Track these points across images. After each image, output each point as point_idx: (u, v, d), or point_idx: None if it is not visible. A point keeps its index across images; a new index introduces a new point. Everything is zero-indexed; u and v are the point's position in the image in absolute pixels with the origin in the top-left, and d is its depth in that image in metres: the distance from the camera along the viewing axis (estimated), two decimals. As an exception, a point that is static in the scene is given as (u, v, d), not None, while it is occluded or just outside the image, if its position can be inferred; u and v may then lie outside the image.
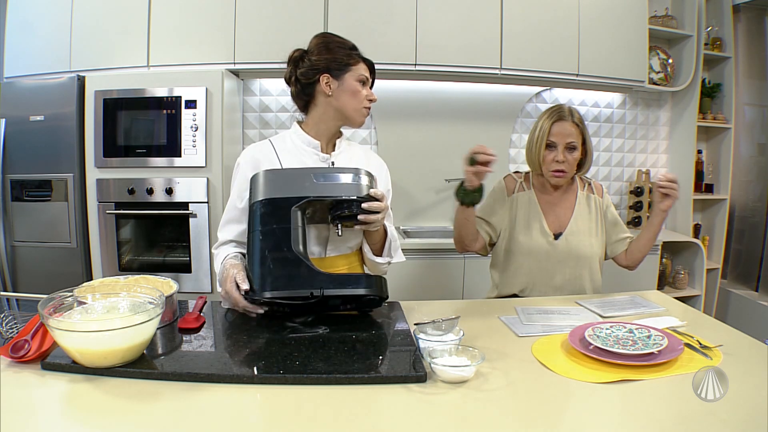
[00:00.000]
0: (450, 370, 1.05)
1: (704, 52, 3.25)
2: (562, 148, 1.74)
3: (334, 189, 1.31)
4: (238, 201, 1.48)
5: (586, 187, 1.89)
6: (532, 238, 1.80)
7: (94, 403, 0.95)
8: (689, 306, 1.65)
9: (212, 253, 1.57)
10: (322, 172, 1.35)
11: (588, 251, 1.80)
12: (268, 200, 1.30)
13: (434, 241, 2.83)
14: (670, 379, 1.09)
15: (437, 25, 2.87)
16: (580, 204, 1.84)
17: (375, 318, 1.41)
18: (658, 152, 3.55)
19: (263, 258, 1.27)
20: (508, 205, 1.86)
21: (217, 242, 1.53)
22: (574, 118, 1.76)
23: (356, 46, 1.54)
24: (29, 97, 2.61)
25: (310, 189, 1.30)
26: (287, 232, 1.27)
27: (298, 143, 1.54)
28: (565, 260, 1.78)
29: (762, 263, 3.30)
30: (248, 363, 1.11)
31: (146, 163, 2.61)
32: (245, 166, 1.49)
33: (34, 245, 2.66)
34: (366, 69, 1.52)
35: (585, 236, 1.81)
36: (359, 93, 1.49)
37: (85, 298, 1.18)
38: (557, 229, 1.81)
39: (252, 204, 1.34)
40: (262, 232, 1.28)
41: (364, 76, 1.50)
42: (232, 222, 1.50)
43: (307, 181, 1.30)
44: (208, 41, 2.79)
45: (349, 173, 1.35)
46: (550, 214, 1.83)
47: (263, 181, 1.33)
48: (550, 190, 1.86)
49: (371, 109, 1.56)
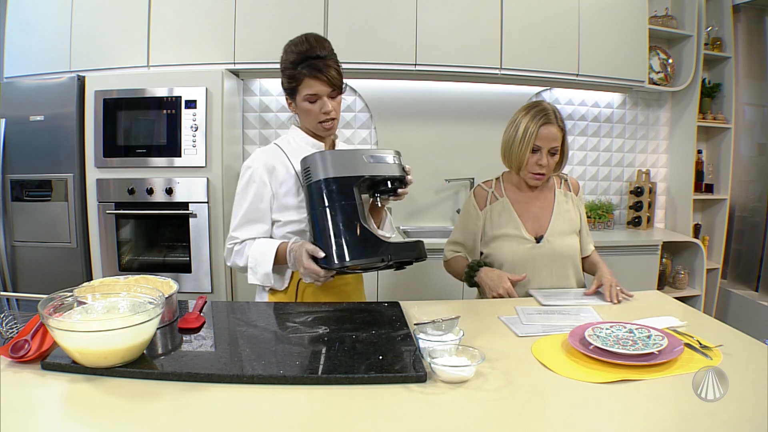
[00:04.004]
0: (450, 370, 1.05)
1: (704, 52, 3.25)
2: (546, 152, 1.72)
3: (385, 168, 1.46)
4: (260, 202, 1.54)
5: (563, 184, 1.87)
6: (509, 247, 1.77)
7: (94, 403, 0.95)
8: (689, 306, 1.65)
9: (227, 248, 1.58)
10: (371, 153, 1.46)
11: (570, 250, 1.79)
12: (332, 179, 1.40)
13: (434, 241, 2.83)
14: (670, 379, 1.09)
15: (437, 25, 2.87)
16: (559, 203, 1.82)
17: (375, 318, 1.41)
18: (658, 152, 3.55)
19: (337, 231, 1.38)
20: (481, 221, 1.84)
21: (235, 240, 1.56)
22: (559, 121, 1.73)
23: (311, 54, 1.46)
24: (29, 97, 2.61)
25: (366, 168, 1.43)
26: (354, 207, 1.40)
27: (301, 144, 1.59)
28: (550, 263, 1.76)
29: (762, 263, 3.30)
30: (248, 363, 1.11)
31: (146, 163, 2.61)
32: (261, 170, 1.54)
33: (34, 245, 2.66)
34: (316, 84, 1.47)
35: (567, 236, 1.79)
36: (311, 111, 1.51)
37: (85, 298, 1.18)
38: (538, 232, 1.79)
39: (310, 183, 1.42)
40: (330, 207, 1.39)
41: (310, 95, 1.49)
42: (254, 222, 1.55)
43: (361, 161, 1.43)
44: (208, 41, 2.79)
45: (391, 154, 1.48)
46: (528, 217, 1.80)
47: (323, 163, 1.42)
48: (526, 189, 1.84)
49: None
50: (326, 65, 1.47)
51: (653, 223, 3.48)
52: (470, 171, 3.25)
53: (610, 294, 1.60)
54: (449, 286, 2.78)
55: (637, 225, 3.37)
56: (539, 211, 1.81)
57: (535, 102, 1.78)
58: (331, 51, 1.51)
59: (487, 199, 1.85)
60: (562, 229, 1.79)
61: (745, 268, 3.45)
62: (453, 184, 3.27)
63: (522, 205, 1.82)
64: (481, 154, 3.27)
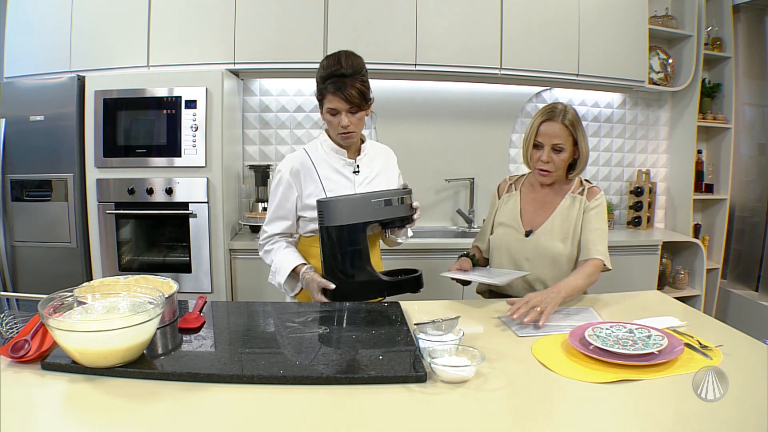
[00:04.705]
0: (450, 370, 1.05)
1: (704, 52, 3.25)
2: (548, 148, 1.72)
3: (393, 211, 1.63)
4: (286, 202, 1.72)
5: (578, 191, 1.80)
6: (503, 234, 1.84)
7: (94, 403, 0.95)
8: (689, 306, 1.65)
9: (260, 242, 1.79)
10: (382, 197, 1.62)
11: (555, 252, 1.74)
12: (344, 226, 1.59)
13: (434, 241, 2.84)
14: (670, 379, 1.09)
15: (437, 25, 2.86)
16: (563, 206, 1.79)
17: (375, 318, 1.41)
18: (658, 152, 3.55)
19: (345, 273, 1.61)
20: (495, 209, 1.93)
21: (266, 234, 1.77)
22: (565, 119, 1.70)
23: (336, 72, 1.58)
24: (29, 97, 2.60)
25: (375, 214, 1.61)
26: (360, 252, 1.61)
27: (328, 150, 1.74)
28: (533, 258, 1.76)
29: (762, 263, 3.30)
30: (248, 363, 1.11)
31: (146, 163, 2.61)
32: (287, 175, 1.71)
33: (34, 245, 2.66)
34: (335, 100, 1.59)
35: (557, 239, 1.75)
36: (331, 123, 1.66)
37: (85, 298, 1.18)
38: (531, 227, 1.80)
39: (323, 227, 1.60)
40: (341, 252, 1.60)
41: (331, 109, 1.62)
42: (281, 219, 1.74)
43: (370, 207, 1.60)
44: (208, 41, 2.79)
45: (397, 195, 1.64)
46: (528, 212, 1.83)
47: (336, 210, 1.59)
48: (539, 188, 1.86)
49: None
50: (348, 84, 1.57)
51: (653, 223, 3.48)
52: (470, 171, 3.25)
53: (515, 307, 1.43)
54: (449, 286, 2.78)
55: (637, 225, 3.37)
56: (541, 209, 1.82)
57: (552, 102, 1.81)
58: (357, 70, 1.60)
59: (505, 189, 1.93)
60: (555, 230, 1.76)
61: (745, 268, 3.45)
62: (453, 184, 3.26)
63: (529, 200, 1.85)
64: (481, 154, 3.28)
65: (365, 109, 1.64)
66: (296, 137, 3.17)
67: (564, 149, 1.72)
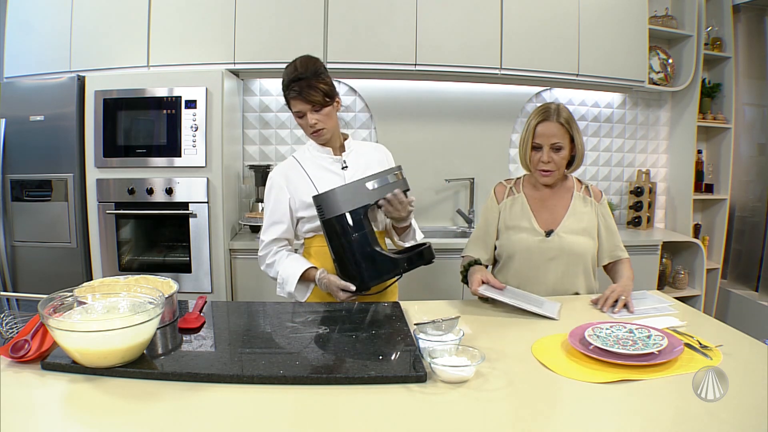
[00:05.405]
0: (450, 370, 1.05)
1: (704, 52, 3.25)
2: (548, 149, 1.73)
3: (388, 189, 1.61)
4: (279, 204, 1.73)
5: (583, 189, 1.86)
6: (520, 238, 1.79)
7: (94, 403, 0.95)
8: (689, 306, 1.65)
9: (260, 255, 1.78)
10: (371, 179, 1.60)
11: (580, 249, 1.77)
12: (344, 215, 1.58)
13: (434, 241, 2.80)
14: (670, 379, 1.09)
15: (437, 25, 2.86)
16: (575, 204, 1.82)
17: (375, 318, 1.41)
18: (658, 152, 3.55)
19: (357, 262, 1.59)
20: (497, 213, 1.88)
21: (264, 244, 1.76)
22: (560, 118, 1.72)
23: (294, 77, 1.61)
24: (29, 97, 2.60)
25: (372, 195, 1.59)
26: (366, 236, 1.59)
27: (314, 153, 1.77)
28: (557, 257, 1.76)
29: (762, 263, 3.30)
30: (248, 363, 1.11)
31: (146, 163, 2.61)
32: (278, 177, 1.75)
33: (34, 245, 2.66)
34: (298, 103, 1.63)
35: (579, 235, 1.78)
36: (302, 125, 1.70)
37: (85, 298, 1.18)
38: (549, 227, 1.79)
39: (324, 220, 1.60)
40: (347, 242, 1.58)
41: (296, 112, 1.66)
42: (276, 223, 1.74)
43: (365, 190, 1.59)
44: (208, 41, 2.79)
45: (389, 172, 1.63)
46: (542, 212, 1.82)
47: (333, 201, 1.58)
48: (542, 188, 1.85)
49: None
50: (306, 85, 1.61)
51: (653, 223, 3.48)
52: (470, 171, 3.25)
53: (603, 299, 1.60)
54: (449, 286, 2.78)
55: (637, 225, 3.37)
56: (554, 208, 1.82)
57: (543, 103, 1.80)
58: (314, 71, 1.63)
59: (505, 193, 1.89)
60: (574, 227, 1.78)
61: (745, 268, 3.45)
62: (453, 184, 3.26)
63: (537, 201, 1.84)
64: (481, 154, 3.27)
65: (329, 105, 1.66)
66: (296, 137, 3.17)
67: (563, 147, 1.74)
